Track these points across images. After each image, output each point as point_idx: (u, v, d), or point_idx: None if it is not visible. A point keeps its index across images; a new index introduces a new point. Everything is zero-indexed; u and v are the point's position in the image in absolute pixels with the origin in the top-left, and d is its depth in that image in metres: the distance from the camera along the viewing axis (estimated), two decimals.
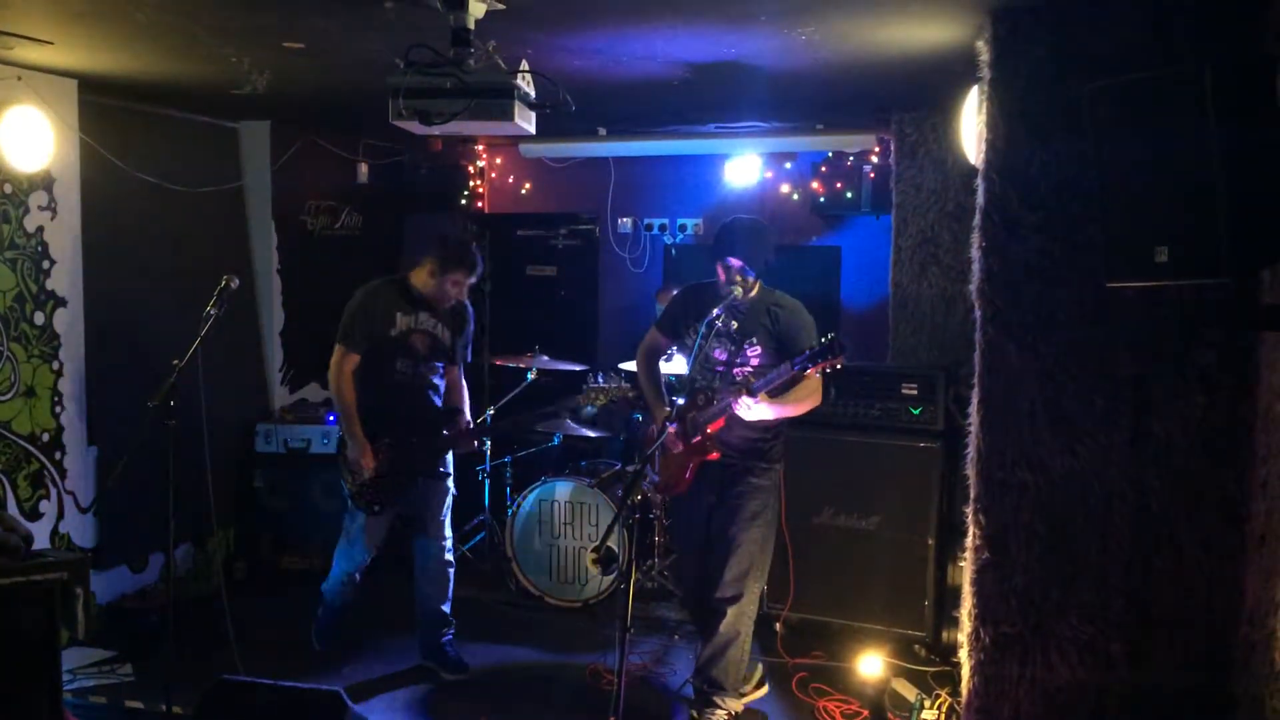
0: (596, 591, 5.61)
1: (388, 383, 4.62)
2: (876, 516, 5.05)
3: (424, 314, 4.66)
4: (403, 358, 4.62)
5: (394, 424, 4.62)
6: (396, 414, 4.63)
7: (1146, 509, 3.26)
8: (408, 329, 4.63)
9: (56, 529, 5.13)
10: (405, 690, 4.70)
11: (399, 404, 4.65)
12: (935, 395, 5.04)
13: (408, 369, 4.64)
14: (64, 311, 5.10)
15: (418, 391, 4.68)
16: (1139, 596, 3.29)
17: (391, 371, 4.62)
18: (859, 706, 4.50)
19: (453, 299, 4.63)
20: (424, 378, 4.68)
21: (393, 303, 4.62)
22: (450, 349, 4.73)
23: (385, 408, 4.63)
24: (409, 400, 4.66)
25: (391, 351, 4.61)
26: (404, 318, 4.62)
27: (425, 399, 4.71)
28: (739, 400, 3.91)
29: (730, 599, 4.14)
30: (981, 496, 3.47)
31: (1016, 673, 3.46)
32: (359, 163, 7.12)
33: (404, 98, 3.18)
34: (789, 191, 6.95)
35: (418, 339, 4.64)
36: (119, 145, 5.40)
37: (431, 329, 4.68)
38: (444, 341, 4.71)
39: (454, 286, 4.57)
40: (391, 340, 4.60)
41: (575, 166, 7.49)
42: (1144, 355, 3.23)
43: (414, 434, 4.65)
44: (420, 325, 4.65)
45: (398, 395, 4.65)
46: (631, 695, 4.39)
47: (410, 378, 4.65)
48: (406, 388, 4.65)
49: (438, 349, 4.70)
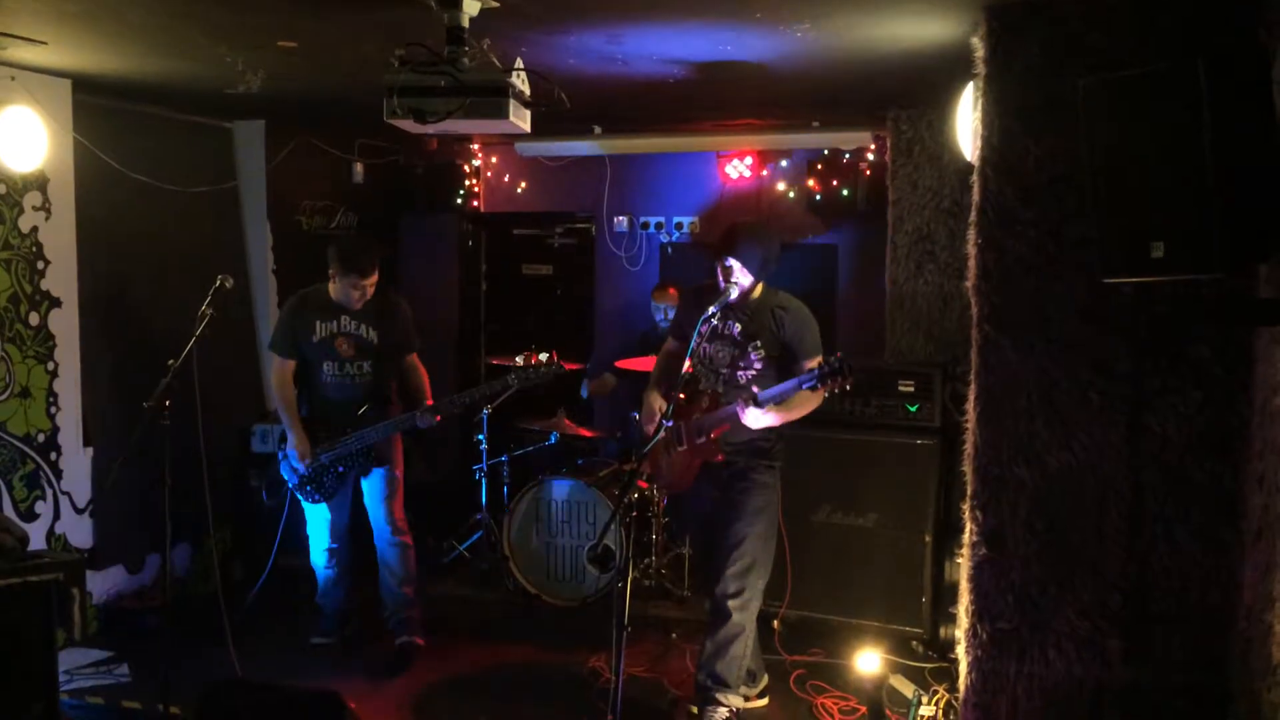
0: (594, 590, 5.61)
1: (318, 385, 4.92)
2: (874, 514, 5.05)
3: (344, 317, 4.87)
4: (328, 360, 4.87)
5: (328, 421, 4.89)
6: (330, 412, 4.90)
7: (1143, 504, 3.27)
8: (330, 334, 4.87)
9: (53, 530, 5.12)
10: (403, 690, 4.69)
11: (331, 403, 4.90)
12: (932, 392, 5.05)
13: (334, 370, 4.88)
14: (59, 312, 5.09)
15: (350, 389, 4.90)
16: (1136, 592, 3.29)
17: (320, 374, 4.89)
18: (857, 703, 4.50)
19: (358, 300, 4.82)
20: (353, 377, 4.90)
21: (313, 312, 4.88)
22: (379, 347, 4.92)
23: (320, 408, 4.92)
24: (343, 397, 4.89)
25: (318, 357, 4.88)
26: (323, 324, 4.87)
27: (359, 394, 4.91)
28: (745, 410, 3.95)
29: (734, 595, 4.15)
30: (979, 493, 3.47)
31: (1014, 669, 3.46)
32: (354, 162, 7.12)
33: (399, 96, 3.17)
34: (785, 189, 6.95)
35: (341, 343, 4.86)
36: (113, 145, 5.39)
37: (354, 330, 4.88)
38: (369, 340, 4.90)
39: (353, 289, 4.77)
40: (315, 346, 4.87)
41: (571, 165, 7.49)
42: (1139, 351, 3.23)
43: (346, 426, 4.86)
44: (343, 329, 4.87)
45: (329, 395, 4.90)
46: (630, 693, 4.39)
47: (339, 378, 4.89)
48: (336, 388, 4.89)
49: (364, 349, 4.89)
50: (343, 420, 4.86)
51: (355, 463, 4.90)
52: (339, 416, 4.87)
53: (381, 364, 4.95)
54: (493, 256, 7.98)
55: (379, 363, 4.93)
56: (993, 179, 3.34)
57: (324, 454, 4.84)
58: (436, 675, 4.86)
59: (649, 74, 4.65)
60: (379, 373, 4.94)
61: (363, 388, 4.91)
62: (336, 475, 4.91)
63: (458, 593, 6.04)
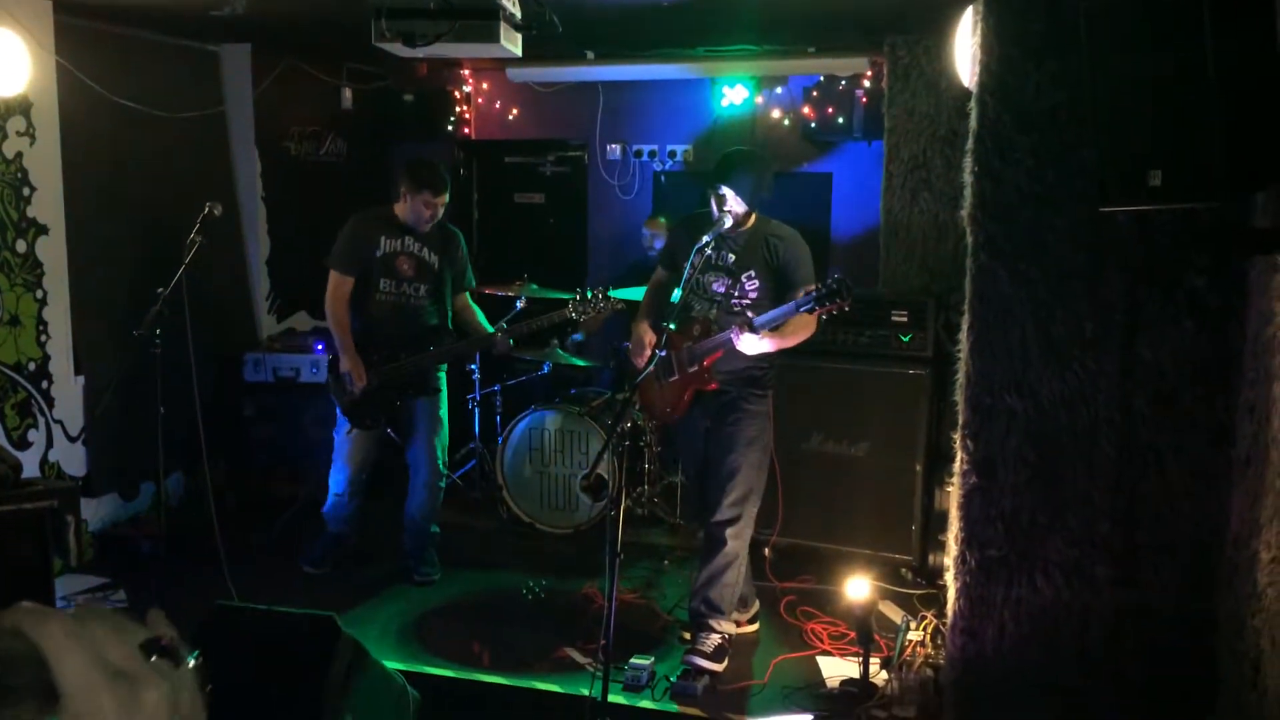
0: (587, 518, 5.66)
1: (374, 303, 4.85)
2: (865, 443, 5.08)
3: (409, 238, 4.85)
4: (386, 278, 4.83)
5: (383, 342, 4.84)
6: (385, 332, 4.86)
7: (1134, 434, 3.28)
8: (393, 251, 4.83)
9: (46, 458, 5.13)
10: (398, 616, 4.75)
11: (386, 323, 4.86)
12: (925, 322, 5.05)
13: (392, 289, 4.85)
14: (46, 239, 5.05)
15: (405, 311, 4.87)
16: (1125, 520, 3.32)
17: (376, 292, 4.84)
18: (846, 628, 4.56)
19: (427, 220, 4.81)
20: (410, 298, 4.87)
21: (378, 228, 4.84)
22: (438, 272, 4.89)
23: (373, 327, 4.86)
24: (397, 319, 4.86)
25: (377, 273, 4.82)
26: (389, 240, 4.83)
27: (414, 319, 4.89)
28: (740, 335, 3.93)
29: (728, 522, 4.18)
30: (970, 422, 3.48)
31: (1002, 595, 3.50)
32: (343, 88, 7.01)
33: (387, 19, 3.12)
34: (780, 117, 6.86)
35: (403, 261, 4.84)
36: (97, 69, 5.29)
37: (416, 252, 4.87)
38: (430, 264, 4.88)
39: (425, 207, 4.76)
40: (377, 262, 4.81)
41: (563, 92, 7.38)
42: (1135, 280, 3.22)
43: (402, 351, 4.83)
44: (406, 248, 4.85)
45: (385, 314, 4.86)
46: (623, 620, 4.45)
47: (395, 297, 4.86)
48: (393, 307, 4.86)
49: (424, 271, 4.87)
50: (396, 344, 4.83)
51: (410, 390, 4.88)
52: (393, 339, 4.84)
53: (438, 291, 4.93)
54: (484, 184, 7.90)
55: (436, 289, 4.92)
56: (991, 106, 3.29)
57: (377, 378, 4.78)
58: (431, 602, 4.91)
59: None
60: (435, 299, 4.93)
61: (417, 311, 4.89)
62: (389, 402, 4.88)
63: (452, 521, 6.05)
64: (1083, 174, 3.10)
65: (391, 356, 4.81)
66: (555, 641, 4.47)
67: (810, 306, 3.86)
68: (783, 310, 3.95)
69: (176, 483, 5.90)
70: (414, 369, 4.85)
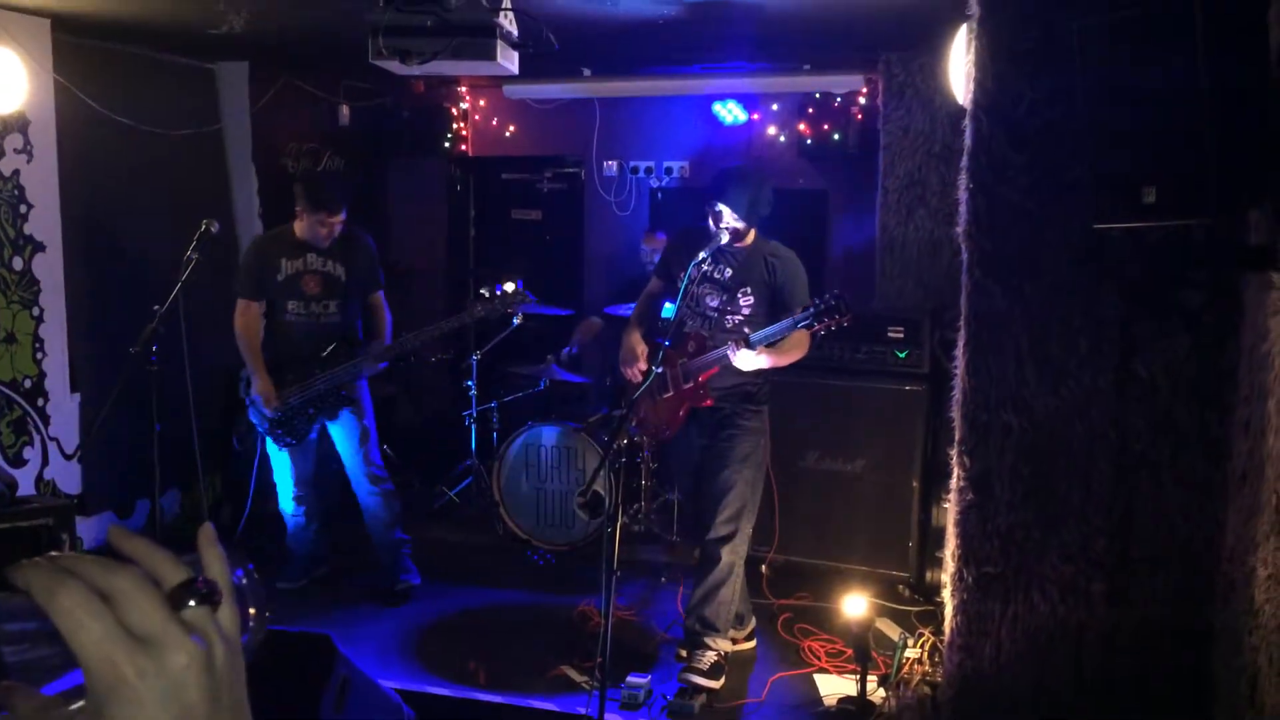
0: (584, 535, 5.64)
1: (283, 324, 4.87)
2: (862, 459, 5.07)
3: (310, 255, 4.84)
4: (294, 299, 4.83)
5: (294, 362, 4.84)
6: (298, 351, 4.85)
7: (1129, 450, 3.28)
8: (296, 272, 4.83)
9: (41, 475, 5.12)
10: (394, 633, 4.73)
11: (299, 342, 4.85)
12: (921, 338, 5.05)
13: (300, 309, 4.84)
14: (43, 256, 5.04)
15: (317, 328, 4.87)
16: (1121, 536, 3.32)
17: (284, 314, 4.85)
18: (843, 646, 4.55)
19: (325, 238, 4.80)
20: (319, 315, 4.87)
21: (278, 250, 4.85)
22: (346, 284, 4.90)
23: (287, 347, 4.87)
24: (309, 338, 4.85)
25: (283, 295, 4.83)
26: (289, 262, 4.82)
27: (326, 334, 4.87)
28: (737, 351, 3.92)
29: (723, 539, 4.16)
30: (966, 438, 3.48)
31: (999, 611, 3.50)
32: (340, 105, 7.02)
33: (383, 36, 3.12)
34: (776, 133, 6.89)
35: (308, 280, 4.83)
36: (95, 86, 5.30)
37: (320, 268, 4.85)
38: (336, 277, 4.88)
39: (321, 226, 4.75)
40: (281, 285, 4.82)
41: (560, 108, 7.40)
42: (1130, 297, 3.22)
43: (313, 367, 4.82)
44: (309, 267, 4.84)
45: (297, 334, 4.86)
46: (619, 637, 4.43)
47: (305, 316, 4.85)
48: (303, 326, 4.86)
49: (331, 286, 4.87)
50: (309, 361, 4.82)
51: (324, 404, 4.86)
52: (305, 357, 4.82)
53: (348, 302, 4.93)
54: (481, 200, 7.91)
55: (345, 301, 4.91)
56: (985, 123, 3.30)
57: (293, 396, 4.78)
58: (426, 619, 4.89)
59: (639, 13, 4.58)
60: (345, 312, 4.92)
61: (328, 327, 4.88)
62: (306, 418, 4.87)
63: (448, 538, 6.07)
64: (1076, 191, 3.11)
65: (304, 375, 4.80)
66: (552, 659, 4.45)
67: (809, 322, 3.86)
68: (781, 326, 3.95)
69: (172, 500, 5.88)
70: (326, 385, 4.82)
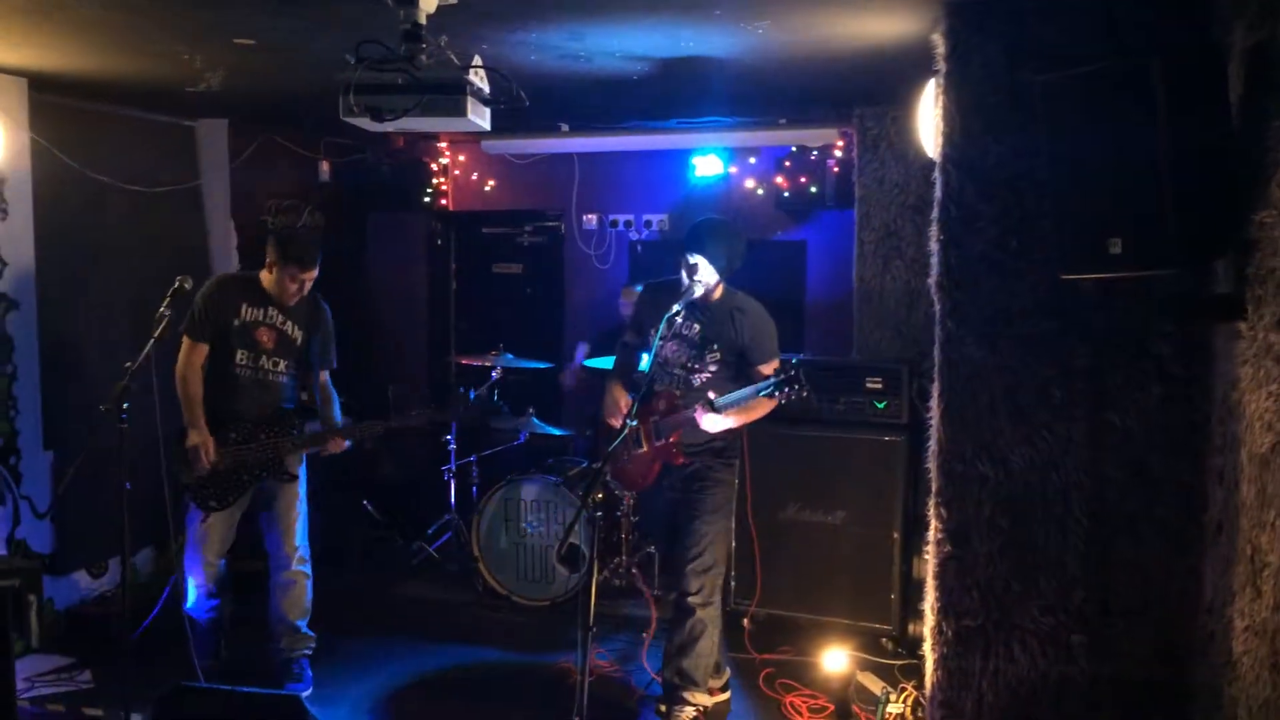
0: (564, 590, 5.58)
1: (230, 374, 4.55)
2: (842, 511, 5.05)
3: (272, 309, 4.59)
4: (244, 349, 4.54)
5: (237, 418, 4.52)
6: (240, 407, 4.54)
7: (1105, 500, 3.28)
8: (254, 320, 4.55)
9: (13, 535, 5.04)
10: (371, 693, 4.65)
11: (242, 398, 4.55)
12: (900, 389, 5.05)
13: (249, 361, 4.55)
14: (17, 314, 5.01)
15: (261, 386, 4.58)
16: (1098, 587, 3.31)
17: (233, 363, 4.53)
18: (826, 701, 4.50)
19: (294, 294, 4.55)
20: (268, 373, 4.58)
21: (240, 293, 4.58)
22: (302, 349, 4.66)
23: (227, 401, 4.54)
24: (253, 394, 4.57)
25: (235, 342, 4.53)
26: (250, 309, 4.56)
27: (271, 395, 4.60)
28: (703, 415, 4.00)
29: (695, 592, 4.15)
30: (943, 490, 3.48)
31: (979, 665, 3.47)
32: (320, 160, 7.05)
33: (355, 94, 3.14)
34: (754, 186, 6.93)
35: (263, 332, 4.56)
36: (72, 145, 5.30)
37: (279, 324, 4.60)
38: (293, 339, 4.62)
39: (292, 281, 4.50)
40: (235, 330, 4.53)
41: (539, 163, 7.45)
42: (1100, 347, 3.24)
43: (260, 430, 4.54)
44: (268, 319, 4.58)
45: (240, 388, 4.55)
46: (599, 693, 4.38)
47: (253, 371, 4.56)
48: (249, 381, 4.56)
49: (285, 345, 4.61)
50: (253, 421, 4.52)
51: (263, 474, 4.54)
52: (249, 416, 4.53)
53: (299, 369, 4.68)
54: (462, 255, 7.93)
55: (297, 366, 4.66)
56: (954, 176, 3.33)
57: (230, 457, 4.45)
58: (403, 678, 4.82)
59: (612, 71, 4.63)
60: (293, 376, 4.66)
61: (274, 387, 4.59)
62: (240, 484, 4.51)
63: (427, 594, 6.00)
64: (1045, 242, 3.13)
65: (248, 436, 4.49)
66: (531, 717, 4.39)
67: (770, 392, 3.93)
68: (743, 394, 4.02)
69: (145, 559, 5.81)
70: (271, 452, 4.52)
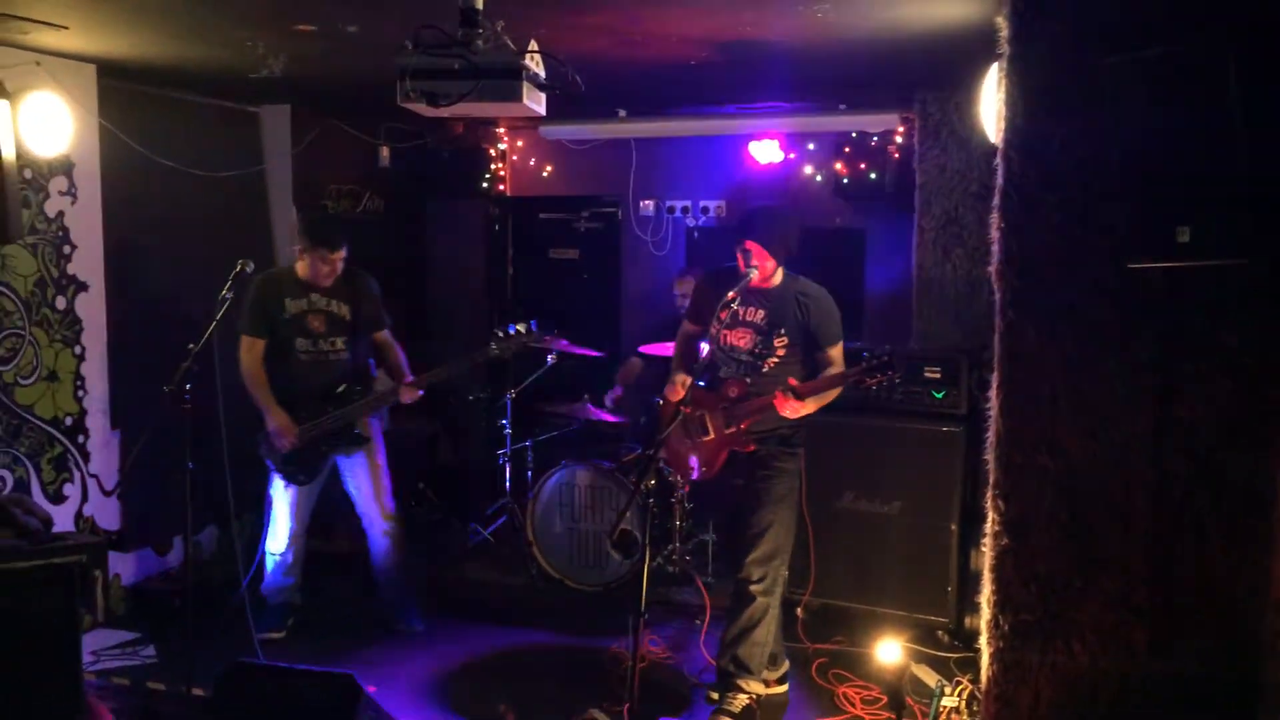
0: (617, 575, 5.60)
1: (293, 362, 4.90)
2: (898, 501, 4.99)
3: (314, 295, 4.90)
4: (302, 337, 4.88)
5: (306, 398, 4.87)
6: (307, 389, 4.89)
7: (1169, 495, 3.19)
8: (301, 311, 4.88)
9: (81, 512, 5.17)
10: (423, 673, 4.71)
11: (308, 379, 4.90)
12: (958, 379, 4.98)
13: (309, 346, 4.89)
14: (85, 296, 5.13)
15: (325, 366, 4.92)
16: (1162, 584, 3.22)
17: (294, 352, 4.89)
18: (879, 692, 4.46)
19: (327, 275, 4.85)
20: (328, 353, 4.93)
21: (282, 289, 4.89)
22: (352, 322, 4.96)
23: (296, 385, 4.88)
24: (318, 375, 4.91)
25: (290, 334, 4.88)
26: (294, 301, 4.88)
27: (335, 372, 4.93)
28: (786, 402, 3.93)
29: (757, 580, 4.14)
30: (1001, 482, 3.41)
31: (1037, 660, 3.40)
32: (380, 146, 7.11)
33: (411, 79, 3.15)
34: (812, 173, 6.87)
35: (313, 319, 4.89)
36: (139, 130, 5.41)
37: (325, 307, 4.91)
38: (341, 316, 4.93)
39: (323, 263, 4.80)
40: (287, 324, 4.87)
41: (597, 149, 7.45)
42: (1167, 339, 3.14)
43: (328, 405, 4.87)
44: (313, 306, 4.89)
45: (305, 371, 4.89)
46: (650, 678, 4.39)
47: (314, 354, 4.90)
48: (312, 365, 4.90)
49: (336, 324, 4.92)
50: (320, 398, 4.87)
51: (339, 442, 4.91)
52: (317, 395, 4.87)
53: (356, 340, 4.98)
54: (519, 240, 7.96)
55: (353, 339, 4.96)
56: (1016, 162, 3.25)
57: (306, 433, 4.82)
58: (456, 659, 4.87)
59: (670, 55, 4.60)
60: (354, 350, 4.98)
61: (338, 365, 4.93)
62: (319, 454, 4.91)
63: (481, 577, 6.06)
64: (1110, 230, 3.05)
65: (317, 412, 4.84)
66: (582, 702, 4.39)
67: (858, 378, 3.90)
68: (830, 379, 3.99)
69: (209, 537, 5.92)
70: (340, 422, 4.87)
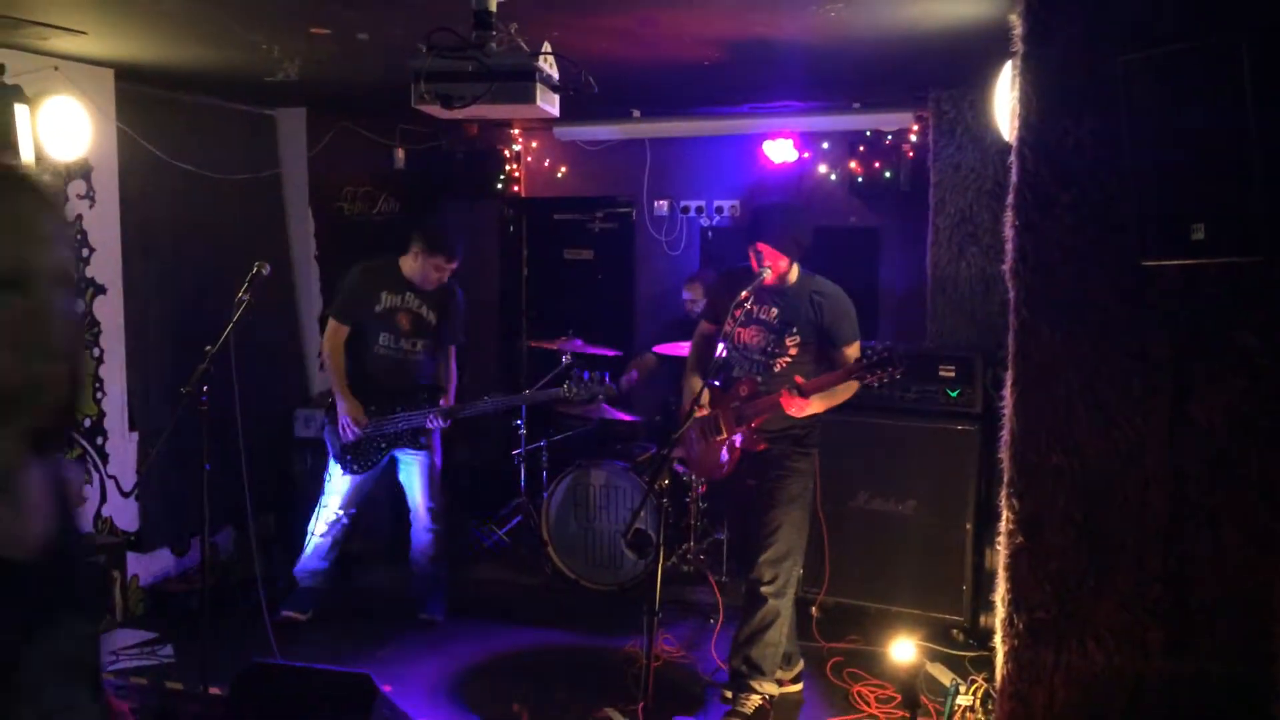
0: (632, 575, 5.61)
1: (373, 354, 5.02)
2: (913, 500, 4.99)
3: (410, 294, 5.02)
4: (385, 333, 5.00)
5: (378, 393, 5.00)
6: (380, 384, 5.02)
7: (1185, 494, 3.18)
8: (393, 306, 5.00)
9: (99, 513, 5.22)
10: (439, 672, 4.73)
11: (383, 375, 5.02)
12: (973, 377, 4.97)
13: (390, 343, 5.01)
14: (104, 298, 5.17)
15: (402, 365, 5.04)
16: (1177, 583, 3.21)
17: (376, 344, 5.01)
18: (894, 691, 4.46)
19: (434, 282, 4.98)
20: (407, 353, 5.04)
21: (381, 281, 5.01)
22: (435, 328, 5.07)
23: (370, 378, 5.01)
24: (394, 372, 5.03)
25: (376, 327, 5.00)
26: (390, 295, 5.00)
27: (410, 373, 5.06)
28: (792, 401, 3.93)
29: (769, 581, 4.13)
30: (1015, 480, 3.40)
31: (1051, 659, 3.39)
32: (395, 148, 7.14)
33: (425, 81, 3.18)
34: (826, 172, 6.86)
35: (402, 317, 5.01)
36: (156, 133, 5.45)
37: (416, 308, 5.03)
38: (428, 320, 5.05)
39: (435, 270, 4.93)
40: (376, 316, 4.99)
41: (611, 149, 7.46)
42: (1182, 337, 3.13)
43: (398, 404, 5.00)
44: (406, 304, 5.01)
45: (382, 367, 5.02)
46: (664, 678, 4.40)
47: (394, 351, 5.02)
48: (390, 361, 5.02)
49: (421, 327, 5.04)
50: (394, 396, 4.99)
51: (399, 439, 5.01)
52: (390, 391, 4.99)
53: (434, 348, 5.09)
54: (534, 241, 7.97)
55: (432, 344, 5.07)
56: (1030, 160, 3.24)
57: (373, 426, 4.93)
58: (471, 659, 4.88)
59: (684, 56, 4.61)
60: (430, 354, 5.09)
61: (412, 366, 5.06)
62: (379, 449, 5.02)
63: (496, 576, 6.08)
64: (1125, 229, 3.03)
65: (387, 409, 4.97)
66: (596, 701, 4.41)
67: (861, 375, 3.88)
68: (833, 376, 3.97)
69: (227, 538, 5.96)
70: (406, 425, 4.99)
